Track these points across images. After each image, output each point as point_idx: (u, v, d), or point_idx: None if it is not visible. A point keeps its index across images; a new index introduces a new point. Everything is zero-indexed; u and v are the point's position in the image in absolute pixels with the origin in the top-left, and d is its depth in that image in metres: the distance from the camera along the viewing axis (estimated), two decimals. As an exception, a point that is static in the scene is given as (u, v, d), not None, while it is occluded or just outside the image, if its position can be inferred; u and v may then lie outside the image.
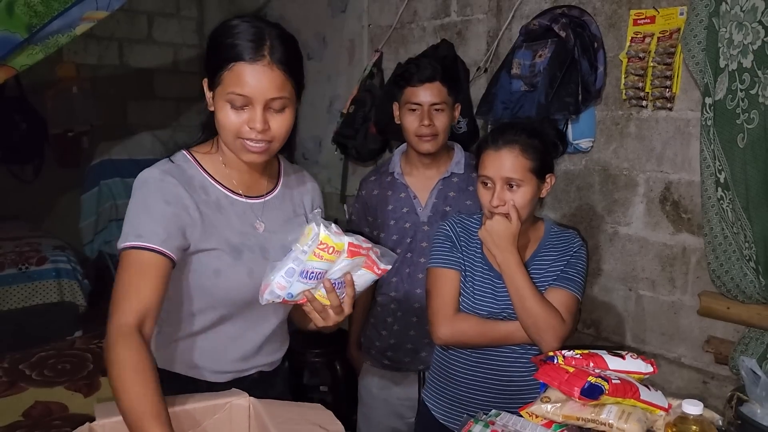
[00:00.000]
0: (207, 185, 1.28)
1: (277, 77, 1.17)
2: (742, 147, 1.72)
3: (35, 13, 2.18)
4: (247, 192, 1.33)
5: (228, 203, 1.29)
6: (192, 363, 1.32)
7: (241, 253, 1.27)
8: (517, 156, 1.46)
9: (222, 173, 1.31)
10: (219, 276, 1.25)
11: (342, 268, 1.17)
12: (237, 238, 1.28)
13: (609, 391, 1.11)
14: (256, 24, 1.19)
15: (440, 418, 1.63)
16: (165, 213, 1.19)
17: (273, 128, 1.20)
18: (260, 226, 1.32)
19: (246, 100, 1.17)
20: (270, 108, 1.19)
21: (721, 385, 2.00)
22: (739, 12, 1.70)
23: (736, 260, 1.83)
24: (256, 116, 1.17)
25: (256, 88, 1.16)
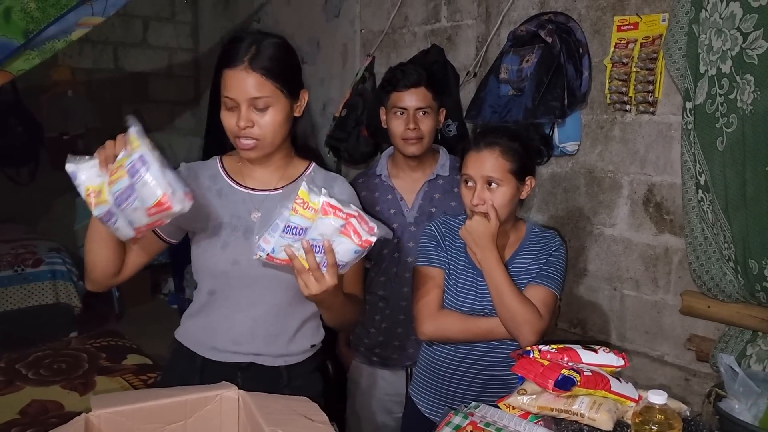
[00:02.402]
0: (217, 176, 1.47)
1: (255, 78, 1.31)
2: (722, 150, 1.77)
3: (32, 19, 2.22)
4: (255, 185, 1.46)
5: (230, 191, 1.45)
6: (193, 337, 1.49)
7: (221, 229, 1.41)
8: (498, 157, 1.51)
9: (235, 168, 1.48)
10: (198, 247, 1.44)
11: (318, 227, 1.18)
12: (226, 218, 1.42)
13: (581, 383, 1.16)
14: (244, 36, 1.36)
15: (426, 412, 1.67)
16: None
17: (259, 126, 1.33)
18: (256, 215, 1.42)
19: (233, 101, 1.33)
20: (253, 107, 1.32)
21: (702, 381, 2.04)
22: (718, 19, 1.74)
23: (716, 260, 1.87)
24: (240, 115, 1.32)
25: (237, 89, 1.31)
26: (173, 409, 1.11)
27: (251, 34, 1.38)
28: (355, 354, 2.15)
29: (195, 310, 1.50)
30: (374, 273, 2.09)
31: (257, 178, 1.47)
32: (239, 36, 1.38)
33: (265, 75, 1.32)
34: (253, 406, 1.09)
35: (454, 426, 1.17)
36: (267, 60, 1.33)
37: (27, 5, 2.19)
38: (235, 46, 1.35)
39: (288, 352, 1.49)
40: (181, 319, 1.55)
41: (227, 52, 1.35)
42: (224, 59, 1.35)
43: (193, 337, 1.49)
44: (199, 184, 1.44)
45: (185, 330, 1.52)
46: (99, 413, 1.05)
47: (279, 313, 1.45)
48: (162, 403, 1.10)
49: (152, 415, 1.10)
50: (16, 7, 2.18)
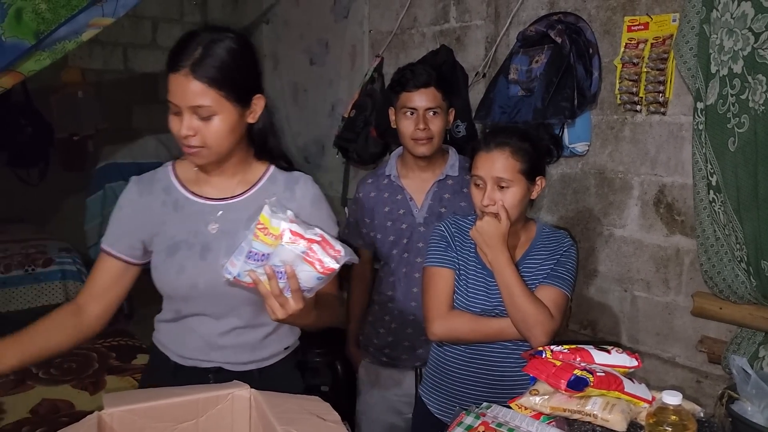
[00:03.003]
0: (171, 187, 1.40)
1: (195, 86, 1.21)
2: (733, 150, 1.76)
3: (43, 20, 2.23)
4: (211, 194, 1.39)
5: (186, 203, 1.38)
6: (164, 343, 1.47)
7: (176, 250, 1.35)
8: (508, 157, 1.51)
9: (189, 177, 1.40)
10: (156, 270, 1.39)
11: (280, 253, 1.14)
12: (182, 236, 1.36)
13: (594, 384, 1.15)
14: (191, 33, 1.26)
15: (436, 413, 1.67)
16: (116, 218, 1.42)
17: (203, 134, 1.25)
18: (213, 227, 1.36)
19: (176, 107, 1.25)
20: (197, 115, 1.24)
21: (714, 384, 2.03)
22: (730, 19, 1.73)
23: (728, 261, 1.86)
24: (182, 122, 1.25)
25: (177, 96, 1.23)
26: (185, 408, 1.11)
27: (204, 33, 1.27)
28: (365, 354, 2.16)
29: (164, 317, 1.47)
30: (383, 273, 2.09)
31: (214, 185, 1.39)
32: (190, 35, 1.27)
33: (208, 83, 1.22)
34: (265, 405, 1.09)
35: (466, 426, 1.17)
36: (212, 67, 1.23)
37: (38, 6, 2.20)
38: (180, 47, 1.25)
39: (258, 358, 1.46)
40: (155, 322, 1.52)
41: (172, 53, 1.25)
42: (168, 60, 1.25)
43: (163, 343, 1.48)
44: (153, 198, 1.39)
45: (158, 334, 1.50)
46: (111, 411, 1.06)
47: (246, 326, 1.42)
48: (174, 402, 1.10)
49: (164, 414, 1.10)
50: (27, 8, 2.19)
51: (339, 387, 2.74)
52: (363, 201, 2.09)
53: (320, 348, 2.83)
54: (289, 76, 4.08)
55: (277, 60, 4.19)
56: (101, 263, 1.41)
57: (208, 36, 1.25)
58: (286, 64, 4.10)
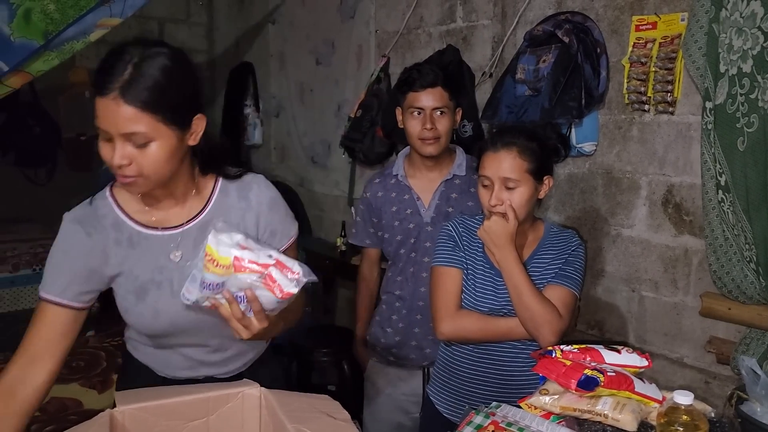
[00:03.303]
0: (120, 222, 1.27)
1: (126, 112, 1.08)
2: (742, 150, 1.75)
3: (51, 21, 2.24)
4: (166, 222, 1.28)
5: (141, 238, 1.27)
6: (146, 360, 1.41)
7: (146, 292, 1.26)
8: (515, 157, 1.51)
9: (137, 207, 1.28)
10: (128, 314, 1.30)
11: (234, 282, 1.10)
12: (147, 275, 1.27)
13: (604, 384, 1.15)
14: (127, 50, 1.11)
15: (444, 412, 1.67)
16: (64, 264, 1.25)
17: (139, 163, 1.13)
18: (176, 256, 1.28)
19: (107, 134, 1.12)
20: (131, 142, 1.12)
21: (722, 384, 2.02)
22: (739, 18, 1.73)
23: (737, 262, 1.85)
24: (115, 150, 1.12)
25: (108, 122, 1.10)
26: (196, 406, 1.11)
27: (133, 49, 1.12)
28: (372, 354, 2.16)
29: (141, 340, 1.40)
30: (391, 273, 2.09)
31: (165, 212, 1.28)
32: (117, 52, 1.12)
33: (141, 107, 1.09)
34: (275, 403, 1.09)
35: (476, 425, 1.17)
36: (144, 89, 1.09)
37: (47, 6, 2.21)
38: (107, 68, 1.10)
39: (246, 360, 1.45)
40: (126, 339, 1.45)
41: (98, 73, 1.10)
42: (95, 81, 1.10)
43: (144, 362, 1.42)
44: (104, 237, 1.26)
45: (136, 352, 1.43)
46: (123, 409, 1.06)
47: (225, 343, 1.38)
48: (185, 400, 1.11)
49: (175, 412, 1.10)
50: (36, 8, 2.21)
51: (346, 386, 2.75)
52: (370, 201, 2.10)
53: (327, 348, 2.84)
54: (295, 76, 4.09)
55: (284, 60, 4.20)
56: (44, 316, 1.24)
57: (138, 53, 1.11)
58: (293, 64, 4.11)
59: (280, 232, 1.38)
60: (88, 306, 1.29)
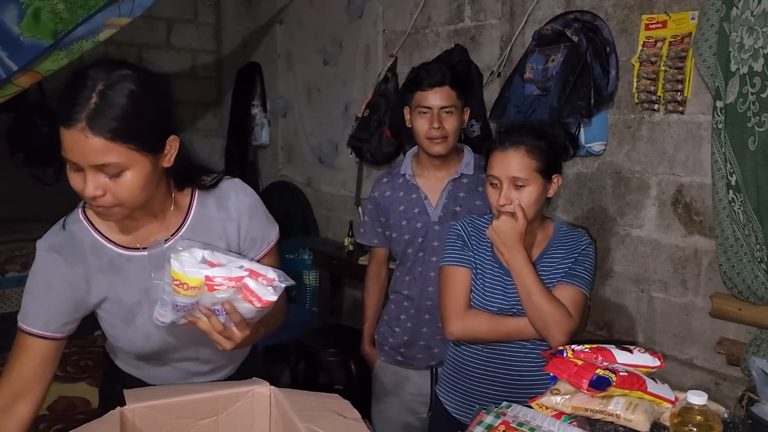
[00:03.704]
0: (99, 247, 1.21)
1: (95, 144, 1.02)
2: (753, 150, 1.74)
3: (60, 20, 2.25)
4: (147, 240, 1.23)
5: (123, 261, 1.22)
6: (134, 373, 1.38)
7: (134, 316, 1.23)
8: (523, 156, 1.50)
9: (115, 228, 1.23)
10: (117, 339, 1.27)
11: (208, 299, 1.08)
12: (133, 297, 1.23)
13: (617, 384, 1.14)
14: (91, 76, 1.05)
15: (453, 412, 1.66)
16: (45, 296, 1.20)
17: (113, 193, 1.08)
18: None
19: (76, 165, 1.06)
20: (103, 172, 1.06)
21: (733, 386, 2.01)
22: (750, 17, 1.72)
23: (748, 262, 1.84)
24: (86, 182, 1.06)
25: (77, 154, 1.03)
26: (206, 405, 1.12)
27: (95, 73, 1.05)
28: (380, 353, 2.15)
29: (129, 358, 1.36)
30: (399, 272, 2.09)
31: (145, 230, 1.24)
32: (78, 78, 1.05)
33: (110, 138, 1.02)
34: (285, 402, 1.09)
35: (486, 425, 1.16)
36: (111, 119, 1.02)
37: (56, 6, 2.22)
38: (71, 96, 1.03)
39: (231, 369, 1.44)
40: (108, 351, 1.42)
41: (61, 103, 1.04)
42: (58, 111, 1.04)
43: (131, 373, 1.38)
44: (86, 265, 1.21)
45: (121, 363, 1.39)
46: (133, 407, 1.06)
47: (215, 355, 1.36)
48: (195, 398, 1.11)
49: (185, 410, 1.10)
50: (45, 8, 2.21)
51: (353, 386, 2.75)
52: (378, 200, 2.09)
53: (334, 348, 2.84)
54: (303, 76, 4.09)
55: (291, 60, 4.20)
56: (27, 348, 1.20)
57: (102, 78, 1.04)
58: (300, 64, 4.11)
59: (261, 238, 1.36)
60: (72, 333, 1.25)
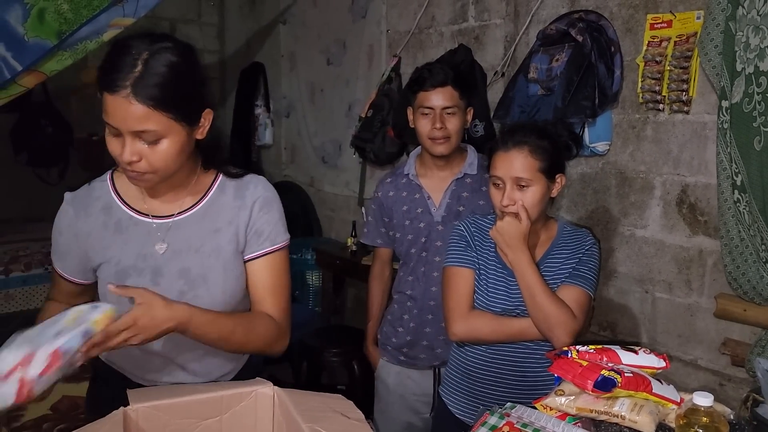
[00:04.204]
0: (112, 206, 1.27)
1: (137, 110, 1.07)
2: (759, 150, 1.73)
3: (65, 20, 2.25)
4: (157, 211, 1.27)
5: (131, 224, 1.26)
6: (122, 363, 1.37)
7: (125, 278, 1.24)
8: (526, 156, 1.49)
9: (133, 193, 1.28)
10: (106, 298, 1.25)
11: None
12: (130, 260, 1.25)
13: (622, 385, 1.14)
14: (137, 47, 1.09)
15: (457, 413, 1.66)
16: (59, 242, 1.31)
17: (149, 159, 1.13)
18: (162, 247, 1.26)
19: (117, 130, 1.11)
20: (141, 139, 1.11)
21: (737, 387, 2.00)
22: (756, 16, 1.71)
23: (753, 263, 1.83)
24: (125, 148, 1.11)
25: (119, 119, 1.08)
26: (209, 405, 1.11)
27: (139, 44, 1.10)
28: (383, 353, 2.15)
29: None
30: (402, 272, 2.08)
31: (161, 200, 1.28)
32: (123, 47, 1.10)
33: (153, 105, 1.08)
34: (289, 402, 1.09)
35: (490, 426, 1.16)
36: (155, 86, 1.08)
37: (60, 6, 2.22)
38: (116, 62, 1.08)
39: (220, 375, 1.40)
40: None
41: (106, 70, 1.09)
42: (103, 77, 1.09)
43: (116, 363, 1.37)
44: (91, 221, 1.26)
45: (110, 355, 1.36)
46: (137, 407, 1.06)
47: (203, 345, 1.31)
48: (198, 399, 1.11)
49: (188, 410, 1.10)
50: (49, 8, 2.22)
51: (356, 386, 2.74)
52: (382, 200, 2.09)
53: (337, 348, 2.84)
54: (306, 76, 4.09)
55: (295, 60, 4.20)
56: (59, 281, 1.35)
57: (146, 48, 1.09)
58: (304, 64, 4.11)
59: (267, 234, 1.33)
60: (91, 283, 1.33)
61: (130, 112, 1.07)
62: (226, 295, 1.30)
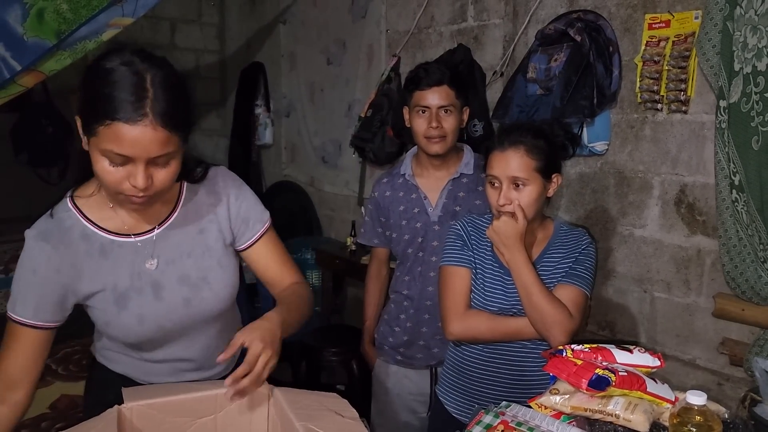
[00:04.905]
0: (89, 233, 1.21)
1: (161, 135, 1.04)
2: (757, 149, 1.73)
3: (64, 20, 2.26)
4: (137, 228, 1.25)
5: (115, 247, 1.22)
6: (125, 370, 1.35)
7: (127, 300, 1.22)
8: (523, 156, 1.49)
9: (106, 215, 1.23)
10: (109, 326, 1.24)
11: None
12: (125, 282, 1.23)
13: (616, 383, 1.13)
14: (136, 69, 1.04)
15: (453, 412, 1.66)
16: (32, 283, 1.19)
17: (156, 182, 1.10)
18: (152, 263, 1.24)
19: (126, 159, 1.05)
20: (154, 163, 1.08)
21: (735, 386, 2.00)
22: (754, 16, 1.71)
23: (751, 262, 1.83)
24: (138, 174, 1.06)
25: (138, 148, 1.03)
26: (204, 403, 1.12)
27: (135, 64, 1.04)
28: (380, 353, 2.15)
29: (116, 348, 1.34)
30: (399, 272, 2.08)
31: (135, 218, 1.24)
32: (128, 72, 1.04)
33: (172, 129, 1.05)
34: (283, 401, 1.09)
35: (485, 425, 1.16)
36: (169, 108, 1.05)
37: (59, 6, 2.23)
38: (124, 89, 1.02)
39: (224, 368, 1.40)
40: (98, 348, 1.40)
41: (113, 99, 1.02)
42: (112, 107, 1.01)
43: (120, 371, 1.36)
44: (72, 251, 1.20)
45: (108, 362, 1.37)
46: (131, 405, 1.06)
47: (214, 340, 1.35)
48: (193, 397, 1.11)
49: (183, 409, 1.10)
50: (49, 8, 2.22)
51: (355, 386, 2.74)
52: (378, 200, 2.09)
53: (336, 347, 2.84)
54: (306, 76, 4.09)
55: (295, 60, 4.20)
56: (18, 339, 1.20)
57: (146, 69, 1.05)
58: (304, 64, 4.11)
59: (253, 218, 1.36)
60: (63, 321, 1.24)
61: (155, 139, 1.03)
62: (228, 289, 1.32)
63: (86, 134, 1.07)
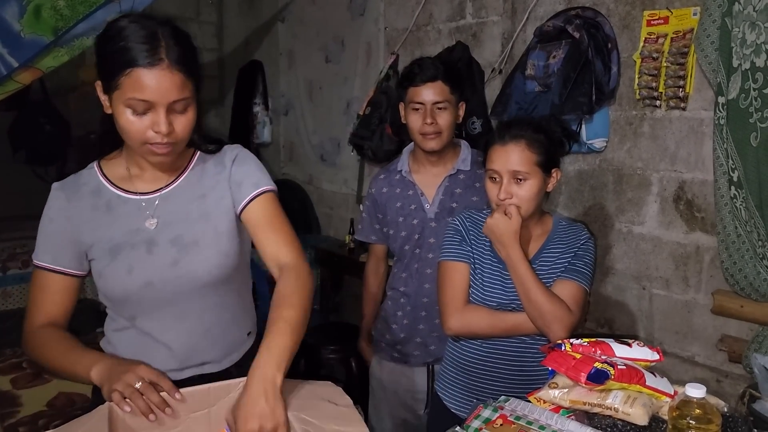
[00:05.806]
0: (101, 188, 1.30)
1: (177, 79, 1.14)
2: (755, 146, 1.73)
3: (61, 17, 2.25)
4: (145, 188, 1.31)
5: (120, 203, 1.29)
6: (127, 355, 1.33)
7: (120, 250, 1.26)
8: (523, 150, 1.49)
9: (120, 175, 1.31)
10: (101, 277, 1.28)
11: None
12: (121, 237, 1.28)
13: (615, 377, 1.13)
14: (146, 24, 1.15)
15: (452, 408, 1.65)
16: (50, 230, 1.30)
17: (177, 129, 1.18)
18: (152, 223, 1.29)
19: (148, 104, 1.13)
20: (173, 110, 1.16)
21: (734, 383, 2.00)
22: (752, 12, 1.71)
23: (750, 259, 1.83)
24: (160, 120, 1.14)
25: (157, 92, 1.12)
26: (197, 398, 1.11)
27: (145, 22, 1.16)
28: (377, 350, 2.14)
29: (117, 326, 1.35)
30: (396, 269, 2.08)
31: (146, 179, 1.31)
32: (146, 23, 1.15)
33: (187, 74, 1.15)
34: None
35: (484, 419, 1.15)
36: (184, 55, 1.15)
37: (57, 3, 2.22)
38: (139, 39, 1.12)
39: (230, 351, 1.38)
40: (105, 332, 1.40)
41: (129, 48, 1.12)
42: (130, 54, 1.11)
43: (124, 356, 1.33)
44: (82, 204, 1.29)
45: (109, 346, 1.37)
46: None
47: (209, 317, 1.33)
48: (186, 392, 1.10)
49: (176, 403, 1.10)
50: (46, 4, 2.22)
51: (353, 383, 2.74)
52: (375, 197, 2.08)
53: (335, 344, 2.84)
54: (304, 73, 4.09)
55: (293, 58, 4.20)
56: (41, 284, 1.30)
57: (158, 25, 1.16)
58: (302, 61, 4.11)
59: (246, 181, 1.33)
60: (83, 274, 1.31)
61: (171, 83, 1.13)
62: (219, 257, 1.29)
63: (108, 92, 1.16)
